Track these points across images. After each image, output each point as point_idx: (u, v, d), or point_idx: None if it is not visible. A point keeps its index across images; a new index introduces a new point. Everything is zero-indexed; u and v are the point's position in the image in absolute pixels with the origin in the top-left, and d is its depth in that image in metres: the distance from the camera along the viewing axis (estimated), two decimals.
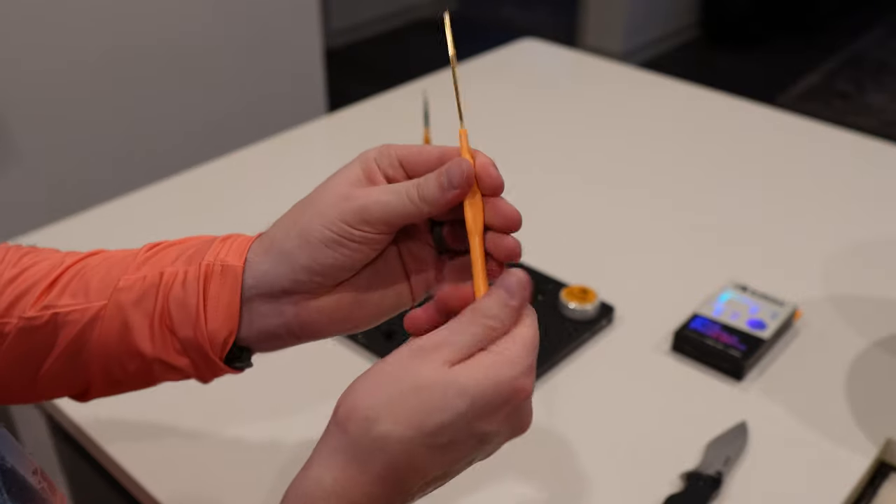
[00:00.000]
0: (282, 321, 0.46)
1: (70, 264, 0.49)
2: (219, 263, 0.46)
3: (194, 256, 0.47)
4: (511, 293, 0.42)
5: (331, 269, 0.44)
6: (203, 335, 0.46)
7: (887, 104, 3.43)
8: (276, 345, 0.48)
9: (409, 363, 0.39)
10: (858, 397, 0.76)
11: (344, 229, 0.43)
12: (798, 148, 1.21)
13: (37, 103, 1.69)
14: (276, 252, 0.45)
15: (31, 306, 0.48)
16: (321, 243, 0.43)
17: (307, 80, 2.22)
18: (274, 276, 0.45)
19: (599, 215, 1.05)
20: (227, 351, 0.47)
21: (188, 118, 1.98)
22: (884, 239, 1.00)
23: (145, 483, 0.68)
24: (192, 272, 0.46)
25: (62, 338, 0.48)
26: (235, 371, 0.49)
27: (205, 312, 0.46)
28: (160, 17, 1.84)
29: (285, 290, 0.45)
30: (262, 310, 0.46)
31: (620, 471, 0.69)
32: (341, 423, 0.39)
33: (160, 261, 0.48)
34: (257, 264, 0.45)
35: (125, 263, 0.49)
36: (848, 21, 4.25)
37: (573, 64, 1.57)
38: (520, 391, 0.41)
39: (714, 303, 0.84)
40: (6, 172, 1.69)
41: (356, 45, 3.95)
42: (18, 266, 0.49)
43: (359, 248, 0.44)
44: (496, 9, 4.50)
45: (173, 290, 0.46)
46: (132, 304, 0.47)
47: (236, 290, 0.45)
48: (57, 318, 0.47)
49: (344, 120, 1.30)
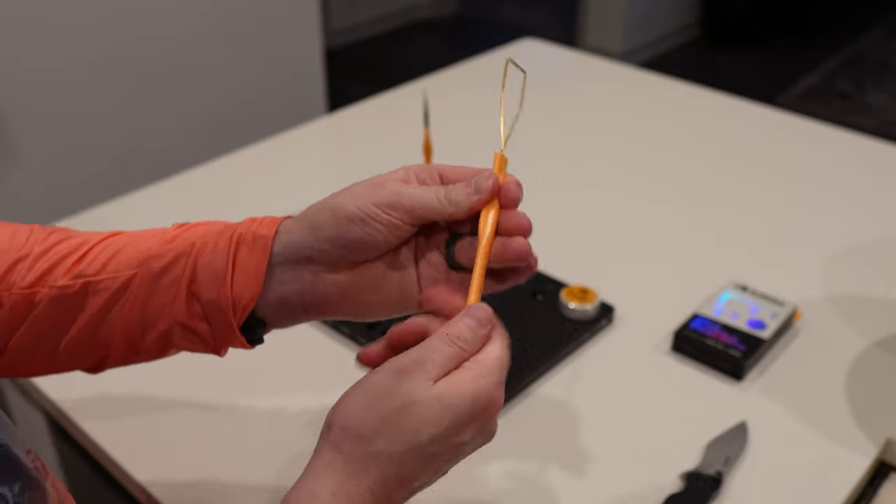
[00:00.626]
0: (299, 288, 0.50)
1: (98, 240, 0.54)
2: (250, 234, 0.50)
3: (224, 231, 0.52)
4: (481, 323, 0.45)
5: (353, 244, 0.48)
6: (227, 297, 0.50)
7: (887, 104, 3.43)
8: (289, 316, 0.52)
9: (395, 381, 0.43)
10: (858, 397, 0.76)
11: (372, 210, 0.47)
12: (798, 148, 1.21)
13: (36, 103, 1.69)
14: (307, 223, 0.49)
15: (62, 276, 0.51)
16: (348, 219, 0.48)
17: (307, 79, 2.22)
18: (300, 244, 0.49)
19: (599, 215, 1.05)
20: (245, 317, 0.51)
21: (188, 118, 1.98)
22: (884, 239, 1.00)
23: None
24: (222, 241, 0.51)
25: (91, 305, 0.51)
26: (247, 344, 0.52)
27: (232, 274, 0.50)
28: (160, 17, 1.84)
29: (309, 257, 0.49)
30: (283, 276, 0.50)
31: (620, 471, 0.69)
32: (335, 441, 0.43)
33: (190, 235, 0.52)
34: (287, 235, 0.50)
35: (155, 238, 0.53)
36: (848, 21, 4.25)
37: (573, 64, 1.57)
38: (494, 402, 0.44)
39: (714, 303, 0.84)
40: (6, 172, 1.69)
41: (356, 45, 3.95)
42: (48, 242, 0.53)
43: (382, 230, 0.48)
44: (496, 9, 4.50)
45: (202, 257, 0.51)
46: (162, 271, 0.51)
47: (265, 256, 0.49)
48: (88, 286, 0.51)
49: (344, 120, 1.30)
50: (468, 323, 0.45)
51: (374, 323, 0.82)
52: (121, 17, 1.77)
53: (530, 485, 0.67)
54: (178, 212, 1.05)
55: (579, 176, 1.14)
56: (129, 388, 0.77)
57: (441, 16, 4.37)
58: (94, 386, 0.77)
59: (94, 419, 0.74)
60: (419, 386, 0.43)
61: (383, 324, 0.81)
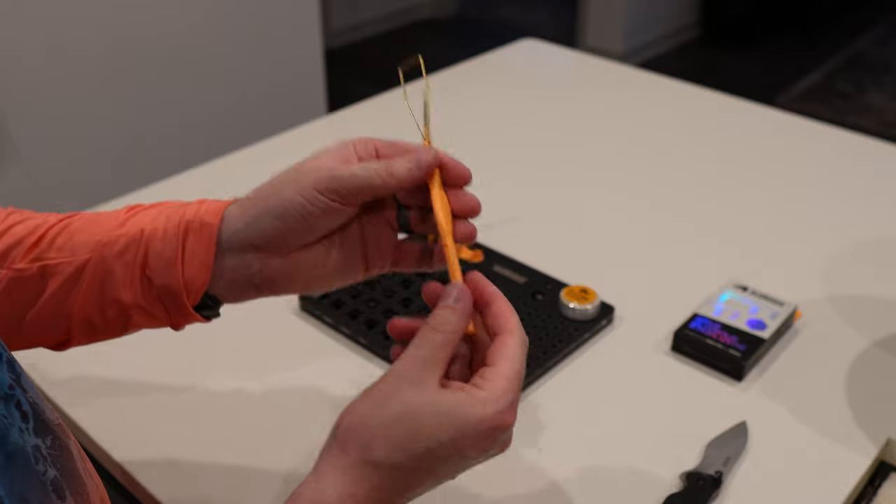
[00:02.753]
0: (247, 273, 0.52)
1: (54, 223, 0.55)
2: (197, 220, 0.52)
3: (171, 216, 0.53)
4: (452, 297, 0.46)
5: (298, 232, 0.50)
6: (179, 283, 0.52)
7: (887, 104, 3.44)
8: (241, 295, 0.54)
9: (396, 386, 0.44)
10: (858, 397, 0.76)
11: (315, 196, 0.49)
12: (798, 148, 1.21)
13: (36, 102, 1.69)
14: (251, 213, 0.51)
15: (20, 259, 0.53)
16: (293, 207, 0.49)
17: (307, 79, 2.22)
18: (245, 234, 0.51)
19: (599, 215, 1.05)
20: (199, 299, 0.53)
21: (188, 118, 1.98)
22: (884, 239, 1.00)
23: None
24: (171, 228, 0.52)
25: (50, 286, 0.53)
26: (204, 320, 0.55)
27: (182, 261, 0.52)
28: (160, 16, 1.84)
29: (254, 245, 0.51)
30: (231, 263, 0.52)
31: (620, 470, 0.69)
32: (342, 443, 0.44)
33: (140, 220, 0.54)
34: (232, 223, 0.52)
35: (107, 222, 0.54)
36: (848, 21, 4.25)
37: (573, 64, 1.57)
38: (502, 425, 0.44)
39: (714, 303, 0.84)
40: (6, 172, 1.69)
41: (356, 44, 3.95)
42: (5, 223, 0.55)
43: (325, 217, 0.50)
44: (496, 9, 4.50)
45: (153, 244, 0.52)
46: (115, 257, 0.52)
47: (211, 244, 0.51)
48: (45, 269, 0.53)
49: (344, 120, 1.30)
50: (444, 305, 0.46)
51: (372, 324, 0.82)
52: (121, 17, 1.77)
53: (530, 484, 0.67)
54: None
55: (579, 175, 1.14)
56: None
57: (441, 16, 4.37)
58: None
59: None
60: (418, 394, 0.44)
61: (381, 324, 0.81)
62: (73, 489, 0.40)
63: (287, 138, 1.23)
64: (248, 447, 0.71)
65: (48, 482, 0.38)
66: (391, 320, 0.49)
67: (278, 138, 1.23)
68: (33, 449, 0.38)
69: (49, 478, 0.38)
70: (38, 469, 0.37)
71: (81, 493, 0.41)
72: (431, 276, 0.84)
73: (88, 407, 0.75)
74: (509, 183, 1.09)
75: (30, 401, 0.40)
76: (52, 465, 0.39)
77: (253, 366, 0.80)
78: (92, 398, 0.76)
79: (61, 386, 0.77)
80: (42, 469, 0.38)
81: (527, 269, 0.90)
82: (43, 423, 0.40)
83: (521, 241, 0.96)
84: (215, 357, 0.81)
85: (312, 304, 0.85)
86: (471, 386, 0.44)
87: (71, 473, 0.41)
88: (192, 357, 0.81)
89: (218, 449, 0.71)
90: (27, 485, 0.36)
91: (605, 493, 0.67)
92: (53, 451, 0.40)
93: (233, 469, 0.69)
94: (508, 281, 0.88)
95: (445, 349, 0.45)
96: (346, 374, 0.78)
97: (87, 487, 0.42)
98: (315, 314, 0.85)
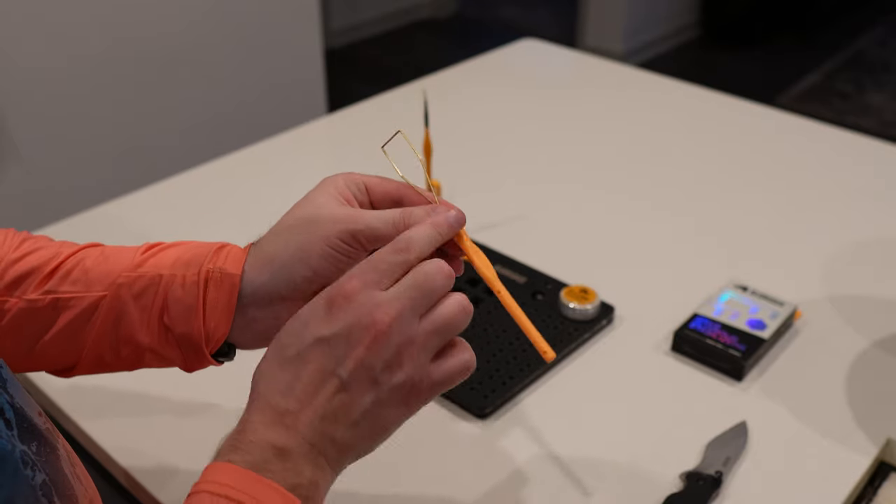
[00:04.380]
0: (278, 324, 0.50)
1: (69, 254, 0.54)
2: (218, 271, 0.52)
3: (191, 262, 0.53)
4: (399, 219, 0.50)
5: (326, 277, 0.50)
6: (199, 332, 0.52)
7: (887, 104, 3.43)
8: (263, 343, 0.53)
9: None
10: (858, 397, 0.76)
11: (341, 246, 0.50)
12: (798, 148, 1.21)
13: (36, 102, 1.69)
14: (277, 265, 0.51)
15: (32, 289, 0.53)
16: (320, 257, 0.50)
17: (307, 80, 2.22)
18: (273, 286, 0.51)
19: (599, 215, 1.05)
20: (217, 348, 0.53)
21: (188, 118, 1.98)
22: (884, 239, 1.00)
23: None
24: (190, 276, 0.52)
25: (62, 320, 0.53)
26: (218, 363, 0.55)
27: (204, 313, 0.51)
28: (160, 17, 1.84)
29: (283, 296, 0.51)
30: (258, 314, 0.52)
31: (620, 470, 0.69)
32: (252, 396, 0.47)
33: (158, 262, 0.53)
34: (256, 275, 0.52)
35: (124, 259, 0.53)
36: (848, 21, 4.25)
37: (573, 64, 1.57)
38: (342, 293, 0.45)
39: (714, 303, 0.84)
40: (5, 173, 1.69)
41: (356, 45, 3.95)
42: (20, 250, 0.54)
43: (350, 260, 0.50)
44: (496, 9, 4.50)
45: (172, 291, 0.51)
46: (132, 299, 0.52)
47: (233, 295, 0.51)
48: (58, 302, 0.52)
49: (344, 120, 1.30)
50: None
51: None
52: (121, 17, 1.77)
53: (530, 484, 0.67)
54: (177, 212, 1.05)
55: (579, 175, 1.14)
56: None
57: (441, 16, 4.37)
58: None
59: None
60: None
61: None
62: (63, 493, 0.40)
63: (287, 138, 1.23)
64: None
65: (37, 486, 0.38)
66: None
67: (278, 138, 1.23)
68: (22, 454, 0.38)
69: (38, 482, 0.38)
70: (27, 474, 0.37)
71: (70, 497, 0.41)
72: None
73: (93, 412, 0.75)
74: (510, 183, 1.09)
75: (15, 406, 0.40)
76: (41, 470, 0.39)
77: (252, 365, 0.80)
78: (96, 403, 0.76)
79: (65, 391, 0.77)
80: (30, 474, 0.38)
81: (527, 269, 0.90)
82: (28, 429, 0.40)
83: (521, 241, 0.96)
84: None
85: None
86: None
87: (59, 478, 0.41)
88: None
89: None
90: (15, 490, 0.36)
91: (606, 492, 0.67)
92: (40, 456, 0.40)
93: None
94: (508, 281, 0.88)
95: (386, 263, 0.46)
96: None
97: (75, 491, 0.42)
98: None
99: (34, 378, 0.78)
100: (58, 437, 0.44)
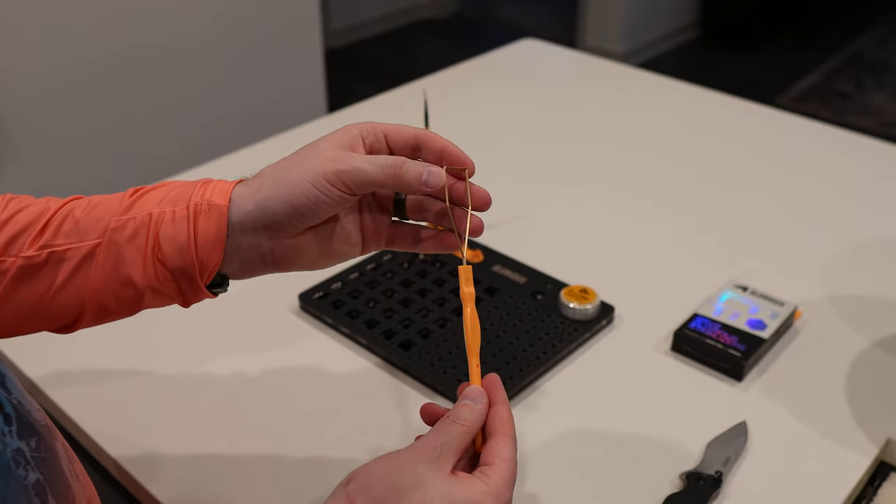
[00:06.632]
0: (260, 252, 0.54)
1: (57, 208, 0.55)
2: (205, 202, 0.53)
3: (178, 199, 0.54)
4: (474, 399, 0.50)
5: (307, 217, 0.52)
6: (193, 264, 0.53)
7: (887, 104, 3.44)
8: (252, 272, 0.56)
9: (413, 460, 0.47)
10: (858, 397, 0.76)
11: (325, 185, 0.51)
12: (798, 148, 1.21)
13: (36, 103, 1.69)
14: (262, 196, 0.53)
15: (27, 246, 0.53)
16: (303, 195, 0.52)
17: (307, 80, 2.22)
18: (257, 215, 0.53)
19: (599, 215, 1.05)
20: (212, 278, 0.54)
21: (188, 118, 1.98)
22: (884, 239, 1.00)
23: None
24: (179, 211, 0.54)
25: (62, 273, 0.54)
26: (213, 296, 0.56)
27: (195, 244, 0.53)
28: (160, 17, 1.84)
29: (266, 226, 0.53)
30: (242, 242, 0.54)
31: (620, 470, 0.69)
32: (351, 493, 0.47)
33: (146, 203, 0.55)
34: (242, 204, 0.53)
35: (112, 205, 0.55)
36: (848, 21, 4.25)
37: (573, 64, 1.57)
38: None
39: (714, 303, 0.84)
40: (5, 173, 1.69)
41: (356, 45, 3.95)
42: (8, 210, 0.55)
43: (332, 203, 0.52)
44: (496, 9, 4.50)
45: (163, 227, 0.53)
46: (126, 241, 0.53)
47: (223, 225, 0.53)
48: (54, 255, 0.53)
49: (344, 120, 1.30)
50: (465, 404, 0.50)
51: (372, 324, 0.82)
52: (121, 18, 1.77)
53: (530, 484, 0.67)
54: None
55: (579, 176, 1.14)
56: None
57: (441, 16, 4.37)
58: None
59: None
60: (433, 472, 0.47)
61: (378, 324, 0.81)
62: (59, 492, 0.40)
63: (287, 138, 1.23)
64: (247, 445, 0.71)
65: (30, 486, 0.38)
66: (425, 404, 0.54)
67: (278, 138, 1.23)
68: (15, 453, 0.38)
69: (31, 482, 0.38)
70: (19, 474, 0.37)
71: (66, 496, 0.41)
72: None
73: (83, 402, 0.75)
74: (510, 183, 1.09)
75: (13, 402, 0.40)
76: (36, 468, 0.39)
77: (252, 365, 0.80)
78: (87, 393, 0.76)
79: (56, 381, 0.77)
80: (23, 473, 0.38)
81: (527, 269, 0.90)
82: (28, 424, 0.40)
83: (521, 240, 0.96)
84: (215, 356, 0.81)
85: (312, 303, 0.85)
86: (477, 479, 0.47)
87: (56, 476, 0.41)
88: (192, 355, 0.81)
89: (215, 447, 0.71)
90: (7, 491, 0.36)
91: (606, 492, 0.67)
92: (38, 453, 0.40)
93: (229, 467, 0.69)
94: (508, 281, 0.88)
95: (461, 440, 0.48)
96: (345, 374, 0.78)
97: (72, 490, 0.42)
98: (315, 314, 0.85)
99: (23, 367, 0.78)
100: (56, 435, 0.43)
